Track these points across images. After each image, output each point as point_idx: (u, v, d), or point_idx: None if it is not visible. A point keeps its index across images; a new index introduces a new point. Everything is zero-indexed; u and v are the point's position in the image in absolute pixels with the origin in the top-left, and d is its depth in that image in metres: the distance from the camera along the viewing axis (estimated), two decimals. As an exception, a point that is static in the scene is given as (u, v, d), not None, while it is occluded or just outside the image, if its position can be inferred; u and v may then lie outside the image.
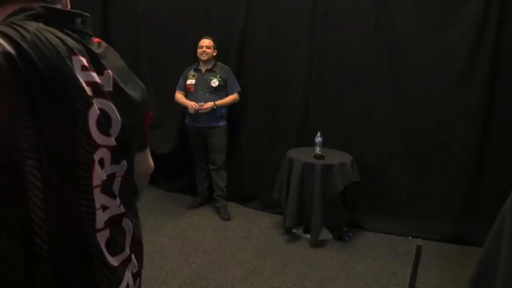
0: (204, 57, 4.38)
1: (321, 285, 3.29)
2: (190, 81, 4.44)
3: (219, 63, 4.48)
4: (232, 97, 4.46)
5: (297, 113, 4.52)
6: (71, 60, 0.93)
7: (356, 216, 4.24)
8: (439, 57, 3.97)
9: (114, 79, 1.06)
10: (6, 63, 0.81)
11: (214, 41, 4.42)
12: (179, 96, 4.50)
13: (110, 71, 1.05)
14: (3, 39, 0.83)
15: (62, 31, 0.96)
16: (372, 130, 4.25)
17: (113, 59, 1.10)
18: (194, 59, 4.52)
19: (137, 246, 1.17)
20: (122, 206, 1.07)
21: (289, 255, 3.73)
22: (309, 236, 3.97)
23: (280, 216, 4.36)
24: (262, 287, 3.24)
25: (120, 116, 1.04)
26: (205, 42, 4.39)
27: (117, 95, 1.05)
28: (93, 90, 0.97)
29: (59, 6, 1.02)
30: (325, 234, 4.01)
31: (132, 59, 5.17)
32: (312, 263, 3.60)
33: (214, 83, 4.36)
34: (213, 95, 4.36)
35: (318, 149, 3.99)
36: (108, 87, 1.04)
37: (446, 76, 3.97)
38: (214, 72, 4.41)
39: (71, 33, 0.98)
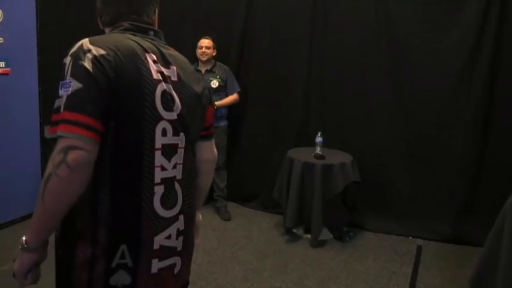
0: (203, 58, 4.38)
1: (322, 285, 3.29)
2: (190, 82, 4.42)
3: (218, 63, 4.48)
4: (232, 97, 4.46)
5: (297, 113, 4.53)
6: (144, 55, 1.35)
7: (356, 216, 4.25)
8: (439, 57, 3.98)
9: (178, 73, 1.44)
10: (99, 60, 1.23)
11: (213, 40, 4.42)
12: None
13: (174, 67, 1.44)
14: (95, 46, 1.26)
15: (142, 38, 1.42)
16: (372, 130, 4.25)
17: (179, 60, 1.50)
18: (193, 59, 4.51)
19: (188, 212, 1.47)
20: (178, 171, 1.41)
21: (289, 255, 3.73)
22: (309, 236, 3.97)
23: (280, 216, 4.36)
24: (263, 287, 3.24)
25: (180, 100, 1.41)
26: (205, 42, 4.38)
27: (180, 85, 1.44)
28: (161, 77, 1.37)
29: (145, 23, 1.48)
30: (326, 234, 4.01)
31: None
32: (313, 263, 3.60)
33: (214, 83, 4.36)
34: (213, 96, 4.36)
35: (319, 149, 3.98)
36: (174, 78, 1.43)
37: (446, 76, 3.98)
38: (214, 73, 4.41)
39: (149, 40, 1.44)
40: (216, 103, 4.32)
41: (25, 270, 1.29)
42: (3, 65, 3.82)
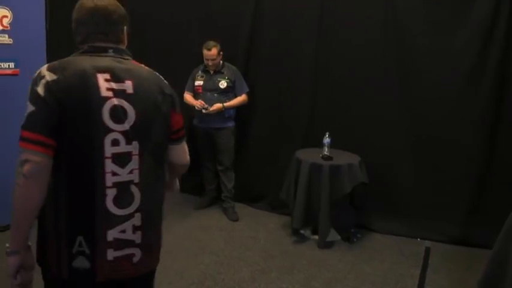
0: (211, 68, 4.38)
1: (329, 286, 3.29)
2: (199, 82, 4.44)
3: (226, 63, 4.48)
4: (240, 98, 4.46)
5: (304, 114, 4.52)
6: (95, 76, 1.53)
7: (364, 218, 4.24)
8: (447, 57, 3.95)
9: (133, 86, 1.60)
10: (49, 86, 1.47)
11: (218, 45, 4.34)
12: (187, 97, 4.50)
13: (130, 81, 1.60)
14: (49, 72, 1.51)
15: (100, 57, 1.60)
16: (379, 131, 4.24)
17: (137, 74, 1.65)
18: (201, 60, 4.51)
19: (147, 210, 1.64)
20: (134, 175, 1.60)
21: (296, 256, 3.72)
22: (316, 237, 3.97)
23: (287, 217, 4.35)
24: (270, 288, 3.24)
25: (134, 110, 1.58)
26: (209, 55, 4.31)
27: (136, 96, 1.60)
28: (113, 93, 1.55)
29: (110, 41, 1.65)
30: (333, 235, 4.00)
31: (139, 61, 5.15)
32: (320, 264, 3.60)
33: (223, 84, 4.36)
34: (222, 96, 4.36)
35: (326, 149, 3.98)
36: (129, 91, 1.59)
37: (454, 77, 3.95)
38: (223, 73, 4.41)
39: (109, 57, 1.62)
40: (224, 104, 4.32)
41: (13, 272, 1.52)
42: (13, 66, 3.84)
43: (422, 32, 4.00)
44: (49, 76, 1.49)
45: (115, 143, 1.55)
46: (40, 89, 1.47)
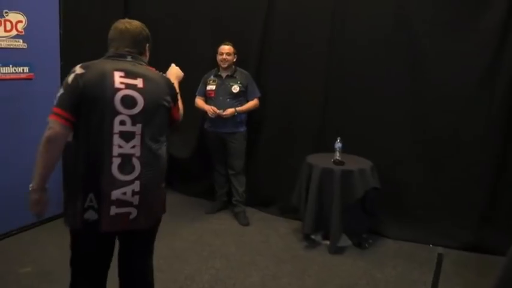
0: (224, 65, 4.39)
1: (340, 292, 3.27)
2: (211, 87, 4.46)
3: (239, 68, 4.49)
4: (252, 103, 4.47)
5: (316, 119, 4.51)
6: (112, 73, 2.05)
7: (376, 223, 4.21)
8: (459, 61, 3.94)
9: (144, 82, 2.11)
10: (77, 77, 2.01)
11: (233, 46, 4.43)
12: (199, 102, 4.52)
13: (141, 79, 2.10)
14: (80, 68, 2.04)
15: (118, 61, 2.13)
16: (391, 135, 4.22)
17: (147, 75, 2.14)
18: (214, 64, 4.54)
19: (145, 179, 2.09)
20: (136, 150, 2.07)
21: (307, 262, 3.71)
22: (327, 242, 3.95)
23: (298, 222, 4.34)
24: (281, 293, 3.22)
25: (142, 99, 2.08)
26: (225, 49, 4.39)
27: (145, 90, 2.10)
28: (127, 86, 2.05)
29: (128, 53, 2.18)
30: (345, 240, 3.99)
31: (151, 64, 5.20)
32: (331, 270, 3.58)
33: (235, 88, 4.37)
34: (234, 101, 4.37)
35: (338, 154, 3.96)
36: (140, 85, 2.09)
37: (467, 80, 3.93)
38: (235, 78, 4.42)
39: (126, 61, 2.14)
40: (236, 109, 4.33)
41: (32, 204, 2.10)
42: (27, 70, 3.88)
43: (434, 36, 3.98)
44: (78, 70, 2.04)
45: (122, 123, 2.04)
46: (70, 79, 2.02)
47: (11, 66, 3.75)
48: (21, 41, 3.81)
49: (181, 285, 3.26)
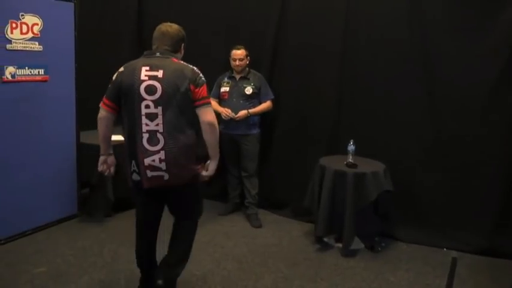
0: (238, 69, 4.41)
1: (352, 295, 3.25)
2: (225, 89, 4.47)
3: (252, 70, 4.50)
4: (265, 105, 4.48)
5: (329, 121, 4.50)
6: (140, 68, 2.63)
7: (388, 226, 4.18)
8: (474, 63, 3.89)
9: (163, 73, 2.61)
10: (118, 73, 2.71)
11: (246, 48, 4.43)
12: (213, 104, 4.50)
13: (162, 70, 2.62)
14: (122, 67, 2.73)
15: (149, 57, 2.72)
16: (404, 137, 4.19)
17: (168, 66, 2.64)
18: (227, 67, 4.56)
19: (169, 150, 2.62)
20: (159, 127, 2.60)
21: (320, 264, 3.70)
22: (340, 245, 3.93)
23: (311, 224, 4.33)
24: (293, 296, 3.22)
25: (160, 86, 2.59)
26: (237, 54, 4.39)
27: (164, 79, 2.61)
28: (149, 77, 2.60)
29: (158, 50, 2.75)
30: (357, 243, 3.97)
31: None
32: (343, 273, 3.56)
33: (248, 90, 4.38)
34: (247, 103, 4.38)
35: (351, 157, 3.95)
36: (160, 76, 2.61)
37: (482, 83, 3.88)
38: (249, 79, 4.43)
39: (154, 57, 2.70)
40: (250, 111, 4.33)
41: (100, 165, 2.85)
42: (42, 72, 3.93)
43: (449, 38, 3.95)
44: (121, 69, 2.71)
45: (147, 106, 2.60)
46: (114, 76, 2.70)
47: (27, 68, 3.80)
48: (37, 43, 3.86)
49: (193, 286, 3.27)
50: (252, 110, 4.36)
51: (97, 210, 4.45)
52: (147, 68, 2.62)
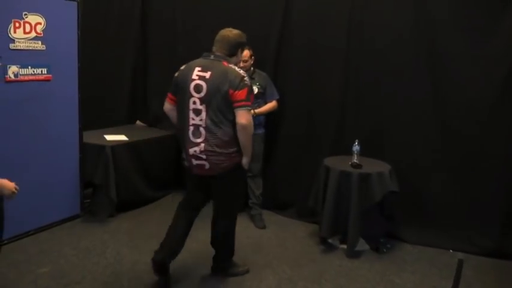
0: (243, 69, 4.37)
1: (357, 297, 3.23)
2: (230, 89, 4.43)
3: (257, 70, 4.47)
4: (271, 105, 4.45)
5: (333, 121, 4.47)
6: (193, 68, 3.03)
7: (394, 227, 4.15)
8: (481, 64, 3.86)
9: (211, 75, 2.94)
10: (178, 72, 3.16)
11: (250, 48, 4.38)
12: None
13: (210, 72, 2.95)
14: (182, 67, 3.17)
15: (204, 59, 3.09)
16: (409, 137, 4.17)
17: (216, 68, 2.96)
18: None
19: (208, 143, 2.96)
20: (202, 122, 2.95)
21: (324, 266, 3.67)
22: (345, 246, 3.90)
23: (315, 225, 4.30)
24: (297, 297, 3.19)
25: (206, 86, 2.93)
26: (242, 56, 4.34)
27: (210, 80, 2.93)
28: (199, 77, 2.97)
29: (212, 52, 3.11)
30: (362, 244, 3.94)
31: (169, 65, 5.23)
32: (348, 274, 3.54)
33: (254, 90, 4.35)
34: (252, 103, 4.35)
35: (356, 157, 3.92)
36: (207, 77, 2.95)
37: (490, 84, 3.86)
38: (254, 79, 4.39)
39: (208, 59, 3.06)
40: (255, 111, 4.31)
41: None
42: (45, 72, 3.91)
43: (455, 38, 3.92)
44: (182, 67, 3.11)
45: (194, 103, 2.96)
46: (175, 74, 3.12)
47: (29, 67, 3.78)
48: (40, 42, 3.84)
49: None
50: (258, 110, 4.33)
51: (100, 211, 4.45)
52: (200, 68, 2.98)
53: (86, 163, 4.37)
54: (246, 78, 2.98)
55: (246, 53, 4.34)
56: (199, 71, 2.96)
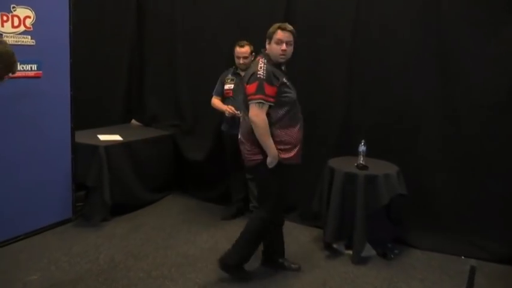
0: (242, 67, 4.31)
1: (364, 306, 3.12)
2: (229, 86, 4.38)
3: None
4: (272, 104, 4.34)
5: (338, 121, 4.41)
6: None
7: (402, 232, 4.07)
8: (492, 63, 3.81)
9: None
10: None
11: (250, 44, 4.31)
12: (216, 102, 4.44)
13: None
14: None
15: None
16: (419, 139, 4.10)
17: (251, 64, 3.45)
18: (231, 63, 4.46)
19: (240, 132, 3.31)
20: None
21: (329, 272, 3.57)
22: (350, 252, 3.81)
23: (319, 229, 4.21)
24: (301, 307, 3.09)
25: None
26: (242, 52, 4.28)
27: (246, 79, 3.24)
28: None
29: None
30: (368, 250, 3.85)
31: (168, 63, 5.14)
32: (354, 281, 3.44)
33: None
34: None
35: (361, 158, 3.83)
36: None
37: (499, 81, 3.81)
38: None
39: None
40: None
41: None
42: (35, 68, 3.81)
43: (465, 36, 3.88)
44: None
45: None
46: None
47: (18, 63, 3.63)
48: (29, 37, 3.75)
49: (196, 296, 3.17)
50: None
51: (93, 214, 4.34)
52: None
53: (78, 164, 4.28)
54: (259, 72, 3.03)
55: (246, 49, 4.26)
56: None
